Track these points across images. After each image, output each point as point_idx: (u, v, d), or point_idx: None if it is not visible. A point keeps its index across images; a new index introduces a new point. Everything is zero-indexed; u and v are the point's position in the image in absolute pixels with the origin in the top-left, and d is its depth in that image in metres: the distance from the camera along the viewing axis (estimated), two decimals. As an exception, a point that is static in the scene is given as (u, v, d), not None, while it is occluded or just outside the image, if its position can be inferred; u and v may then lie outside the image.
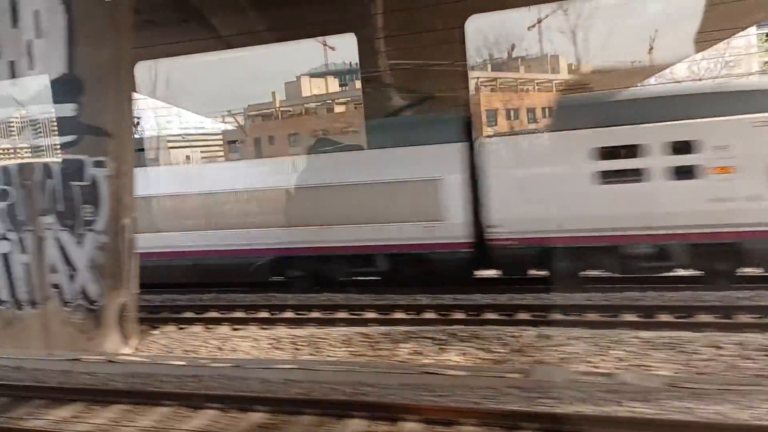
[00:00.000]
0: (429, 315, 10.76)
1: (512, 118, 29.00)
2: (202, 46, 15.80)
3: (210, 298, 13.52)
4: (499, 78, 30.93)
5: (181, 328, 11.43)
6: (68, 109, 9.73)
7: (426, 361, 8.26)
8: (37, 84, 9.72)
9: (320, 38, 18.76)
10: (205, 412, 6.54)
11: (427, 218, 11.85)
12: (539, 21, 22.03)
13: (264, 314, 11.85)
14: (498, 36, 29.29)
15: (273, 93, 34.36)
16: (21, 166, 9.74)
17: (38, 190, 9.72)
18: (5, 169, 9.80)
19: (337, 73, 37.19)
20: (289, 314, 11.71)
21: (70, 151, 9.73)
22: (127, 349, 10.03)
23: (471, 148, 12.03)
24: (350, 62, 32.22)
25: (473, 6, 14.66)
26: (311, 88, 36.14)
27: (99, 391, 7.36)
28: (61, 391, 7.46)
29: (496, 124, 27.50)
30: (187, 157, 15.50)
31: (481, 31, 28.13)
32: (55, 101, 9.70)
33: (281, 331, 10.47)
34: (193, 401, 6.76)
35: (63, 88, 9.67)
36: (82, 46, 9.62)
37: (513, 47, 30.09)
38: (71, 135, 9.73)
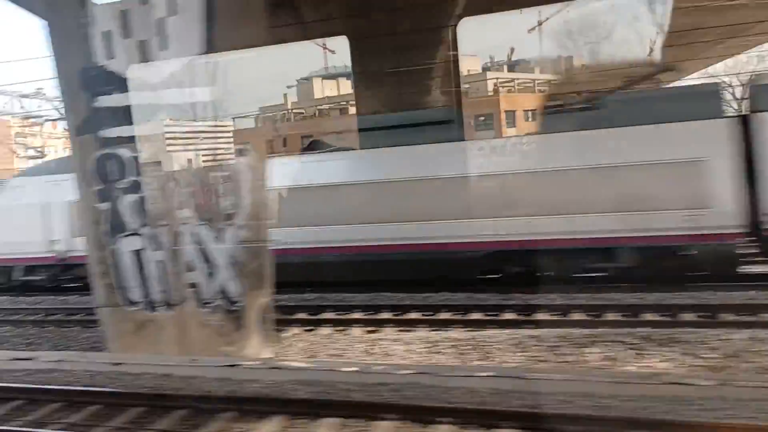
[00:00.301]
0: (578, 316, 9.90)
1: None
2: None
3: (315, 297, 12.72)
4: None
5: (307, 330, 10.64)
6: (205, 93, 8.99)
7: (630, 368, 7.42)
8: (171, 66, 8.96)
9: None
10: (437, 428, 5.71)
11: (688, 206, 10.43)
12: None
13: (395, 315, 11.01)
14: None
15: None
16: (156, 154, 8.96)
17: (174, 181, 8.96)
18: (137, 159, 9.02)
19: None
20: (414, 315, 10.91)
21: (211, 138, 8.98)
22: (268, 353, 9.26)
23: (741, 123, 10.68)
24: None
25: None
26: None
27: (290, 401, 6.54)
28: (241, 402, 6.65)
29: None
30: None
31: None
32: (191, 84, 8.96)
33: (429, 333, 9.65)
34: (414, 414, 5.93)
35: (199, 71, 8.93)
36: (219, 25, 8.85)
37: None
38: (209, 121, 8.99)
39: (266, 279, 9.25)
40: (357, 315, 11.30)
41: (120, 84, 8.95)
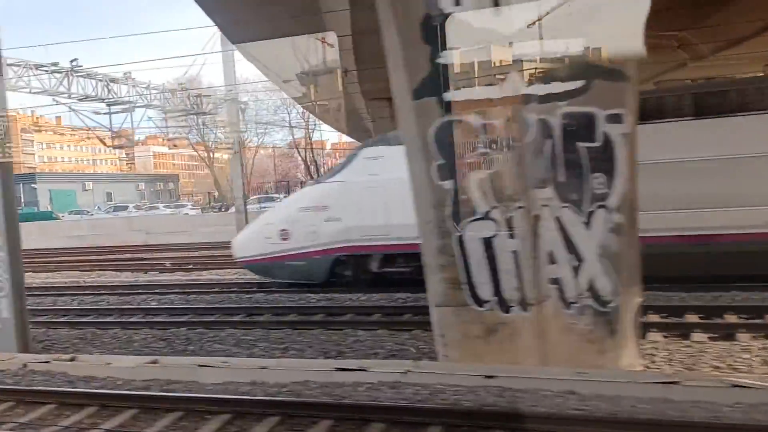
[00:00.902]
0: None
1: None
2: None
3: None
4: None
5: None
6: (574, 45, 7.32)
7: None
8: (527, 13, 7.33)
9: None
10: None
11: None
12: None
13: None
14: None
15: None
16: (510, 121, 7.35)
17: (533, 154, 7.32)
18: (488, 126, 7.44)
19: None
20: None
21: (577, 102, 7.27)
22: (640, 364, 7.57)
23: None
24: None
25: None
26: None
27: None
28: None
29: None
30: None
31: None
32: (555, 36, 7.29)
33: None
34: None
35: (562, 21, 7.24)
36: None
37: None
38: (578, 80, 7.27)
39: (639, 274, 7.57)
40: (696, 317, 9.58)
41: (469, 36, 7.43)
